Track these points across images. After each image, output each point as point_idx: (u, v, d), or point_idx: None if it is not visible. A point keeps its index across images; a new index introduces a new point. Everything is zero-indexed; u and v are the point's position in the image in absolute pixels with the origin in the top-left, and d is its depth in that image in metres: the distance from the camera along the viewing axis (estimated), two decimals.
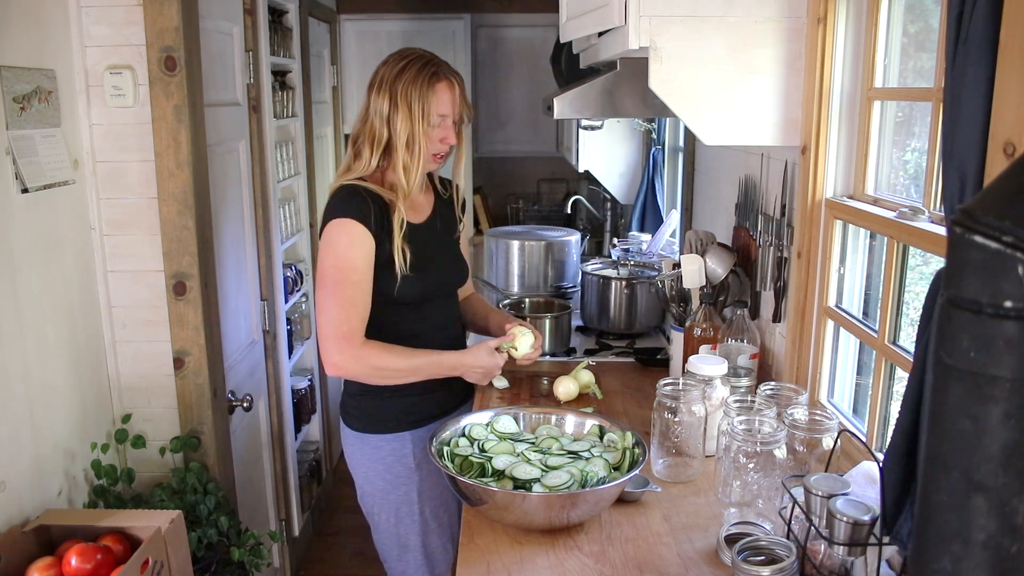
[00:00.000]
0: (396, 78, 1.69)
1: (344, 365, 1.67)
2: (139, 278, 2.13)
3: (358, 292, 1.67)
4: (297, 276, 3.26)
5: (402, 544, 1.86)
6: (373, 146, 1.72)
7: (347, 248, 1.66)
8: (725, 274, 2.04)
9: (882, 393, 1.53)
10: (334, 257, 1.67)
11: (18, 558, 1.64)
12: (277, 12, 3.11)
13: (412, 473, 1.83)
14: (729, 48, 1.65)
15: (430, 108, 1.69)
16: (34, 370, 1.82)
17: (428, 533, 1.85)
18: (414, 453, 1.82)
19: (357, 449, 1.86)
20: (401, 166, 1.71)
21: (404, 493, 1.83)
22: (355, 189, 1.70)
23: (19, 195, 1.77)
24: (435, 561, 1.87)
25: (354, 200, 1.68)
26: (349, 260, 1.66)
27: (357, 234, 1.67)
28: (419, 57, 1.72)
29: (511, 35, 4.36)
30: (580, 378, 2.12)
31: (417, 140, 1.70)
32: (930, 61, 1.46)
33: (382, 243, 1.70)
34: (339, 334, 1.65)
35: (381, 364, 1.69)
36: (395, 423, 1.82)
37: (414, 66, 1.70)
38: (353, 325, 1.66)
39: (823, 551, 1.18)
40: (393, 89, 1.69)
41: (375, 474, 1.84)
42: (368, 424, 1.84)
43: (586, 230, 4.11)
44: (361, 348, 1.66)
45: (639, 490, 1.55)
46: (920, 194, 1.43)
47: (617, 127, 3.51)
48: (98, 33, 2.02)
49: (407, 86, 1.68)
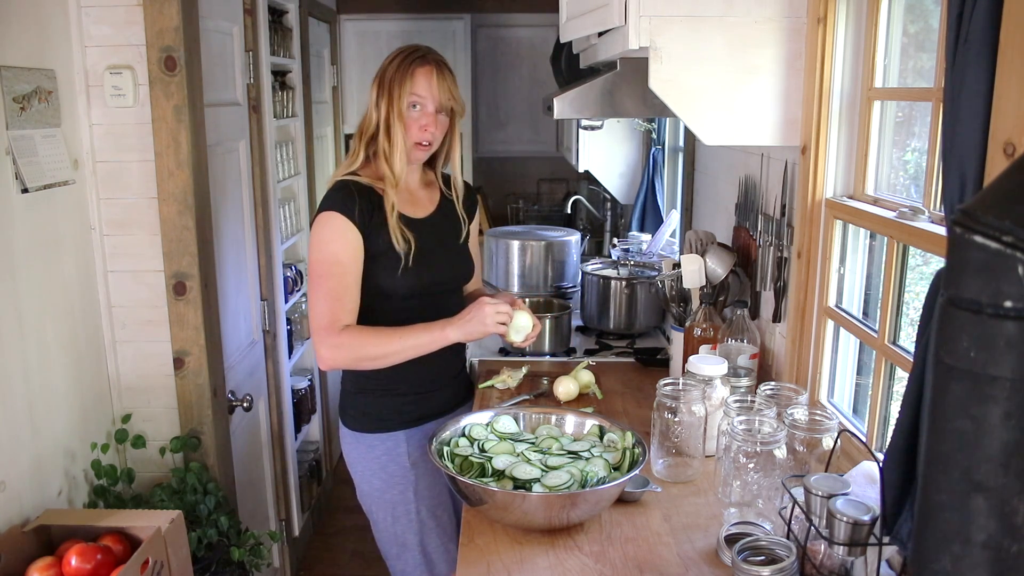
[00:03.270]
0: (386, 67, 1.74)
1: (329, 356, 1.68)
2: (139, 278, 2.13)
3: (341, 285, 1.68)
4: (297, 276, 3.26)
5: (400, 543, 1.86)
6: (361, 135, 1.76)
7: (329, 242, 1.68)
8: (725, 274, 2.04)
9: (882, 393, 1.53)
10: (318, 251, 1.69)
11: (18, 558, 1.64)
12: (277, 12, 3.11)
13: (407, 472, 1.83)
14: (729, 48, 1.65)
15: (404, 89, 1.70)
16: (34, 370, 1.82)
17: (426, 533, 1.85)
18: (409, 453, 1.82)
19: (353, 448, 1.87)
20: (382, 152, 1.73)
21: (400, 492, 1.83)
22: (344, 184, 1.72)
23: (19, 195, 1.77)
24: (434, 561, 1.87)
25: (340, 194, 1.70)
26: (331, 253, 1.68)
27: (339, 227, 1.68)
28: (415, 49, 1.75)
29: (511, 35, 4.36)
30: (580, 378, 2.12)
31: (393, 124, 1.71)
32: (930, 61, 1.46)
33: (373, 233, 1.70)
34: (323, 326, 1.66)
35: (365, 349, 1.68)
36: (389, 422, 1.83)
37: (403, 54, 1.74)
38: (336, 316, 1.66)
39: (823, 551, 1.18)
40: (380, 78, 1.74)
41: (371, 473, 1.84)
42: (363, 423, 1.84)
43: (586, 230, 4.11)
44: (341, 335, 1.66)
45: (639, 490, 1.55)
46: (920, 194, 1.43)
47: (617, 127, 3.50)
48: (98, 33, 2.02)
49: (390, 73, 1.72)
